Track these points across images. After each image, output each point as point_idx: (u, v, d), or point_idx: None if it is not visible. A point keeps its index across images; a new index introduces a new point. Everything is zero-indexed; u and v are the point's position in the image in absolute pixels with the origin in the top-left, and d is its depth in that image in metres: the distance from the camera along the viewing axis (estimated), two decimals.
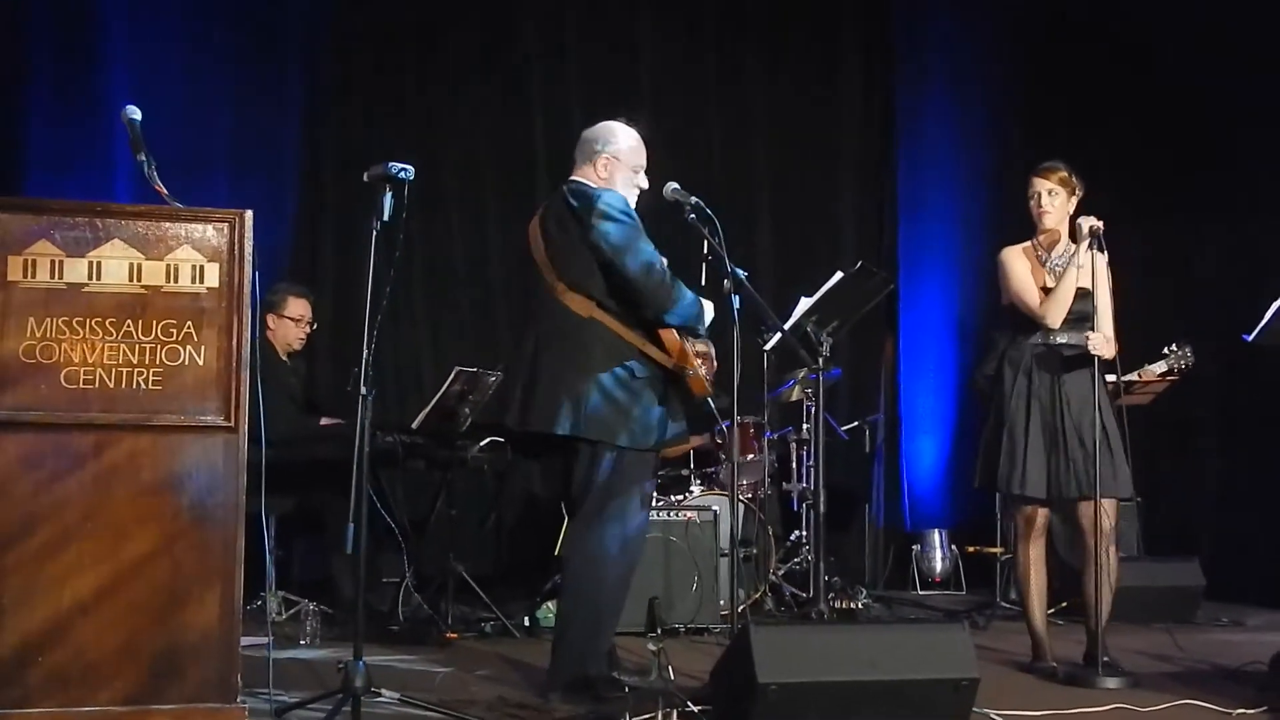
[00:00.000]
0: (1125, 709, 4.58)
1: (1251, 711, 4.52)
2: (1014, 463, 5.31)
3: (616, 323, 4.58)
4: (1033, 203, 5.36)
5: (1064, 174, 5.33)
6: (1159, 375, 7.05)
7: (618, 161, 4.72)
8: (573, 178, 4.76)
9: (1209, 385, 8.03)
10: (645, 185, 4.78)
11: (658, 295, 4.55)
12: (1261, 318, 5.39)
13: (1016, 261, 5.43)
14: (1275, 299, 5.34)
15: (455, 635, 5.94)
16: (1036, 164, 5.42)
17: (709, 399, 4.77)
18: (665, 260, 4.63)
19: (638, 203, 4.76)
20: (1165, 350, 6.92)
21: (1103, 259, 5.30)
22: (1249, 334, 5.45)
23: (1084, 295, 5.23)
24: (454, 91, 8.15)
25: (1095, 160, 5.48)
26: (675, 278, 4.62)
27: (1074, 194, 5.35)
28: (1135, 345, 6.12)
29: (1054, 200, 5.31)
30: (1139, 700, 4.68)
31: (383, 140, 7.58)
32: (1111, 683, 4.99)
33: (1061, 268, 5.29)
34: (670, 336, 4.60)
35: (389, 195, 4.09)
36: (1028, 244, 5.44)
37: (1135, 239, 5.53)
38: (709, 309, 4.74)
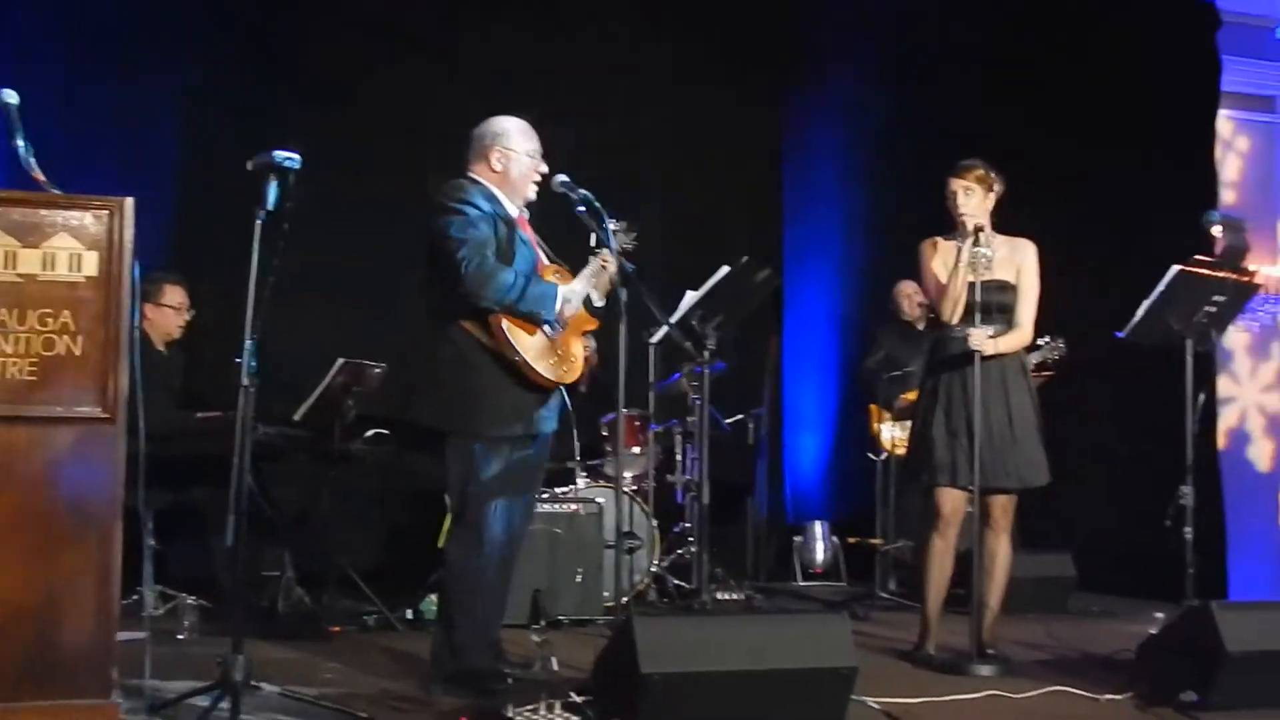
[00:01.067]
0: (998, 696, 4.70)
1: (1119, 697, 4.67)
2: (925, 451, 5.43)
3: (457, 312, 4.60)
4: (950, 202, 5.43)
5: (980, 172, 5.40)
6: (1033, 368, 7.20)
7: (511, 152, 4.71)
8: (468, 173, 4.74)
9: (1084, 379, 8.22)
10: (545, 169, 4.78)
11: (476, 287, 4.53)
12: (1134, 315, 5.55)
13: (927, 252, 5.52)
14: (1146, 298, 5.50)
15: (338, 629, 5.90)
16: (935, 170, 5.52)
17: (561, 389, 4.77)
18: (493, 248, 4.62)
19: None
20: (1038, 342, 7.05)
21: (1033, 251, 5.44)
22: (1120, 331, 5.60)
23: (1002, 288, 5.32)
24: (344, 83, 8.05)
25: (986, 157, 5.56)
26: (498, 266, 4.59)
27: (991, 190, 5.42)
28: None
29: (970, 199, 5.38)
30: (1012, 687, 4.81)
31: (270, 129, 7.44)
32: (986, 670, 5.11)
33: (982, 262, 5.34)
34: (498, 324, 4.58)
35: (274, 183, 4.05)
36: (950, 238, 5.49)
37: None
38: (564, 295, 4.68)
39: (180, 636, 5.61)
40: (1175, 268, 5.44)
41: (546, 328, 4.65)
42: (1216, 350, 5.70)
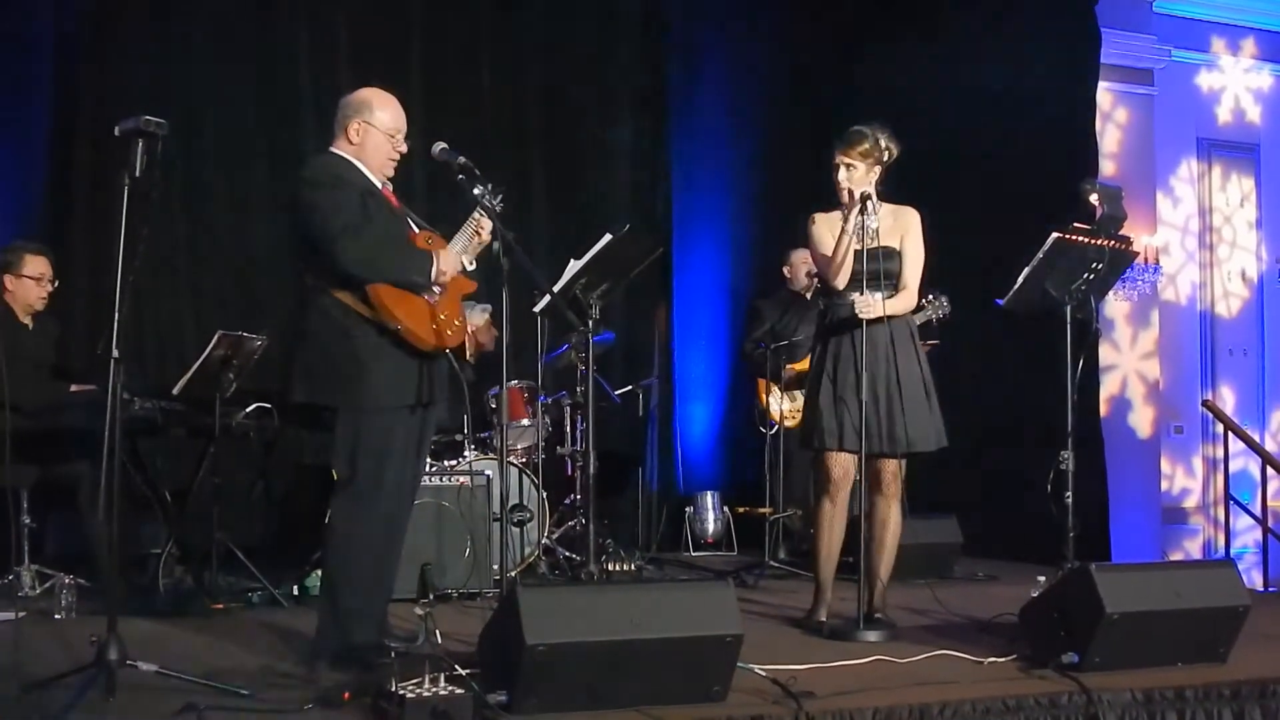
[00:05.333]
0: (884, 660, 4.73)
1: (1002, 660, 4.71)
2: (816, 418, 5.42)
3: (330, 285, 4.53)
4: (834, 175, 5.43)
5: (865, 146, 5.36)
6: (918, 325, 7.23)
7: (370, 127, 4.65)
8: (331, 147, 4.70)
9: (966, 347, 8.32)
10: (404, 150, 4.73)
11: (342, 259, 4.47)
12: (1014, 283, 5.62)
13: (817, 226, 5.52)
14: (1026, 266, 5.56)
15: (220, 606, 5.80)
16: (821, 138, 5.53)
17: (449, 355, 4.73)
18: (361, 221, 4.55)
19: (403, 161, 4.75)
20: (922, 301, 7.05)
21: (916, 217, 5.45)
22: (1001, 299, 5.66)
23: (888, 254, 5.33)
24: (217, 49, 7.86)
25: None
26: (371, 239, 4.52)
27: (878, 164, 5.39)
28: None
29: (852, 174, 5.37)
30: (898, 652, 4.84)
31: (141, 96, 7.31)
32: (872, 636, 5.15)
33: (868, 232, 5.33)
34: (376, 293, 4.50)
35: (141, 149, 3.94)
36: (835, 210, 5.49)
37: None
38: (445, 260, 4.61)
39: (57, 616, 5.48)
40: (1054, 235, 5.51)
41: (425, 294, 4.60)
42: (1098, 318, 5.77)
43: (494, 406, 7.08)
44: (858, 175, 5.38)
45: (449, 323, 4.65)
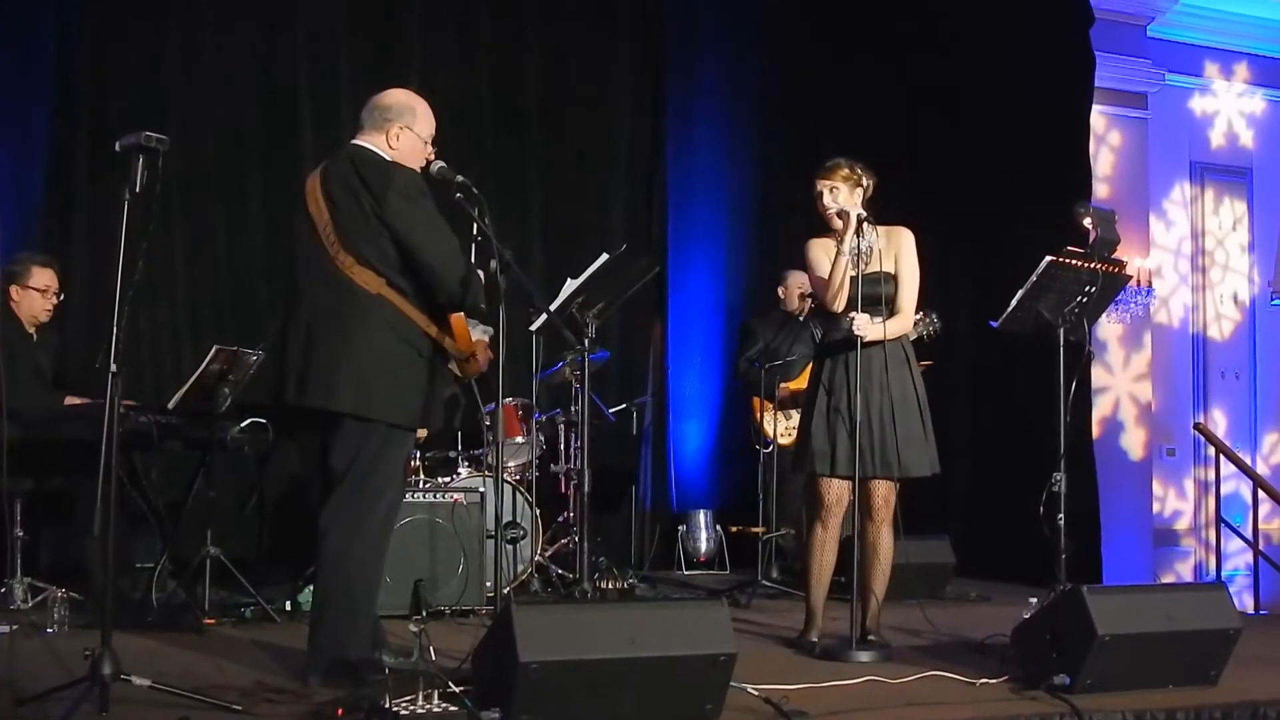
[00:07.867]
0: (876, 681, 4.74)
1: (994, 681, 4.72)
2: (809, 442, 5.42)
3: (405, 302, 4.48)
4: (818, 202, 5.46)
5: (845, 171, 5.42)
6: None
7: (410, 133, 4.60)
8: (360, 142, 4.60)
9: (960, 369, 8.35)
10: (432, 157, 4.70)
11: (454, 286, 4.47)
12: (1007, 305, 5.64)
13: (813, 251, 5.52)
14: (1019, 288, 5.59)
15: (213, 621, 5.79)
16: (816, 159, 5.54)
17: (474, 386, 4.77)
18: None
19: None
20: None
21: (909, 238, 5.44)
22: (994, 320, 5.69)
23: (883, 279, 5.35)
24: (217, 59, 7.88)
25: (867, 148, 5.60)
26: (472, 268, 4.56)
27: (858, 186, 5.43)
28: None
29: (836, 198, 5.41)
30: (890, 672, 4.86)
31: (140, 107, 7.33)
32: (864, 656, 5.15)
33: (864, 254, 5.37)
34: (459, 322, 4.54)
35: (142, 165, 3.95)
36: (830, 236, 5.51)
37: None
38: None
39: (49, 630, 5.46)
40: (1047, 258, 5.54)
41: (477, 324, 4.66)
42: (1090, 340, 5.80)
43: (488, 424, 7.08)
44: (842, 196, 5.41)
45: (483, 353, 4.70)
